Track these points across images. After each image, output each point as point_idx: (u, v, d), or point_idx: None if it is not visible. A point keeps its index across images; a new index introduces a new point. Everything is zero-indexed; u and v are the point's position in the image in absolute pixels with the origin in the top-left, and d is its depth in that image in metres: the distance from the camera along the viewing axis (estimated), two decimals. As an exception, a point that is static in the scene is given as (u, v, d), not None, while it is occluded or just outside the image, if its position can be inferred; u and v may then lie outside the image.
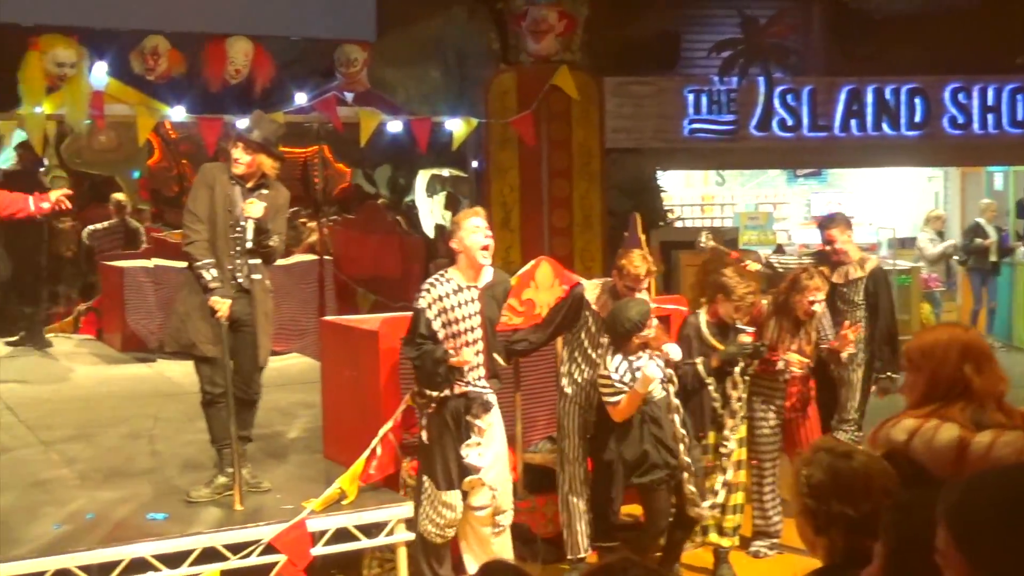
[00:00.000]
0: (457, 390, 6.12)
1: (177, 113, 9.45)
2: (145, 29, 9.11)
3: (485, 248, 6.16)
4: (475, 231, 6.16)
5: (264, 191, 6.52)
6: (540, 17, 11.56)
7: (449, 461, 6.18)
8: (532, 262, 7.62)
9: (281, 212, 6.63)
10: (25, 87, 8.57)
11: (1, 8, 8.56)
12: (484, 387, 6.22)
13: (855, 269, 7.95)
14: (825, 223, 8.21)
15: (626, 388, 6.38)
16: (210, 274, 6.33)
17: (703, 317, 7.06)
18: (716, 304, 6.99)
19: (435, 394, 6.11)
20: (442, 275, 6.24)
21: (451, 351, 6.02)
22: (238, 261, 6.44)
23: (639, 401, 6.42)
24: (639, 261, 6.71)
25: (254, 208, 6.36)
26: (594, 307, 6.83)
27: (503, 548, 6.53)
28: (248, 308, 6.50)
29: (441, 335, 6.08)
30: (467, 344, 6.13)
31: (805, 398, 7.57)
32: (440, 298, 6.10)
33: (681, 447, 6.61)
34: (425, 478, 6.30)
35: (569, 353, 6.93)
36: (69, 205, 6.62)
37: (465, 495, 6.29)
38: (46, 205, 6.55)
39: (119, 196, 12.93)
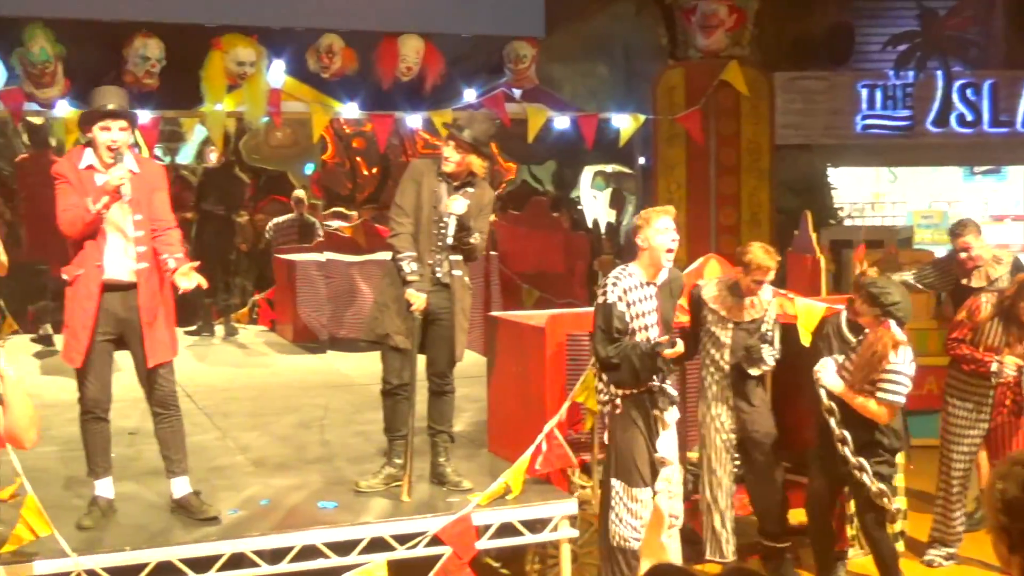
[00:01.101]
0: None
1: (350, 110, 9.65)
2: (321, 28, 9.32)
3: (670, 251, 6.14)
4: (664, 232, 6.13)
5: (470, 189, 6.57)
6: (710, 12, 11.41)
7: (640, 459, 6.15)
8: (700, 259, 7.53)
9: (485, 211, 6.65)
10: (207, 85, 8.88)
11: (186, 9, 8.87)
12: (667, 381, 6.22)
13: (993, 268, 7.66)
14: (958, 230, 7.88)
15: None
16: (410, 267, 6.43)
17: (844, 315, 6.88)
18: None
19: (621, 392, 6.13)
20: (624, 269, 6.22)
21: (662, 342, 5.99)
22: (439, 256, 6.50)
23: None
24: (763, 253, 6.61)
25: (457, 205, 6.41)
26: (713, 305, 6.74)
27: (673, 549, 6.49)
28: (446, 303, 6.56)
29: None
30: (647, 341, 6.11)
31: (1021, 406, 7.25)
32: (627, 291, 6.10)
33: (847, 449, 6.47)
34: (615, 481, 6.22)
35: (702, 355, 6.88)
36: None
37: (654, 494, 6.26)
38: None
39: (300, 192, 13.25)
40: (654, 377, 6.09)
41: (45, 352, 10.95)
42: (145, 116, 9.43)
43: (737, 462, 6.98)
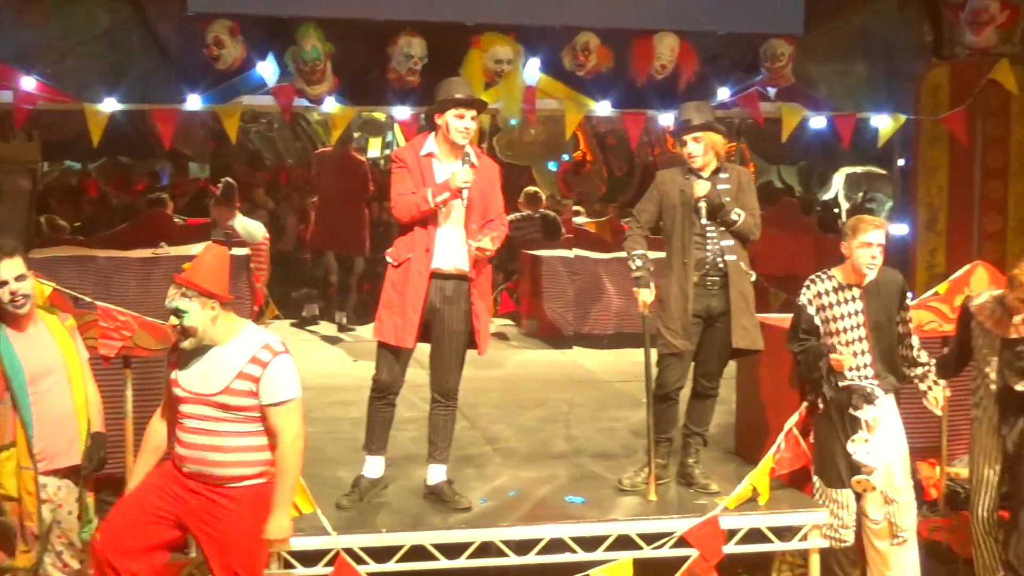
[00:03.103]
0: (841, 383, 6.20)
1: (603, 108, 9.67)
2: (578, 26, 9.37)
3: (871, 267, 6.17)
4: (867, 247, 6.15)
5: (723, 175, 6.53)
6: (981, 7, 10.84)
7: (837, 458, 6.25)
8: (966, 267, 7.22)
9: (746, 188, 6.56)
10: (457, 79, 9.06)
11: (448, 8, 9.08)
12: (870, 382, 6.21)
13: None
14: None
15: None
16: (634, 264, 6.49)
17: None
18: None
19: (824, 391, 6.21)
20: (824, 272, 6.36)
21: (835, 349, 6.17)
22: (707, 253, 6.46)
23: None
24: None
25: (700, 186, 6.39)
26: (980, 318, 6.40)
27: (906, 563, 6.29)
28: (724, 304, 6.49)
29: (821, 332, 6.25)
30: (846, 344, 6.22)
31: None
32: (819, 295, 6.27)
33: None
34: (815, 479, 6.42)
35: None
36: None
37: (858, 497, 6.25)
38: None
39: (531, 189, 13.39)
40: (855, 379, 6.18)
41: (306, 336, 11.47)
42: (405, 112, 9.74)
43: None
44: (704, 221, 6.39)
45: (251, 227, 11.25)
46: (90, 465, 5.53)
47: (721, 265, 6.44)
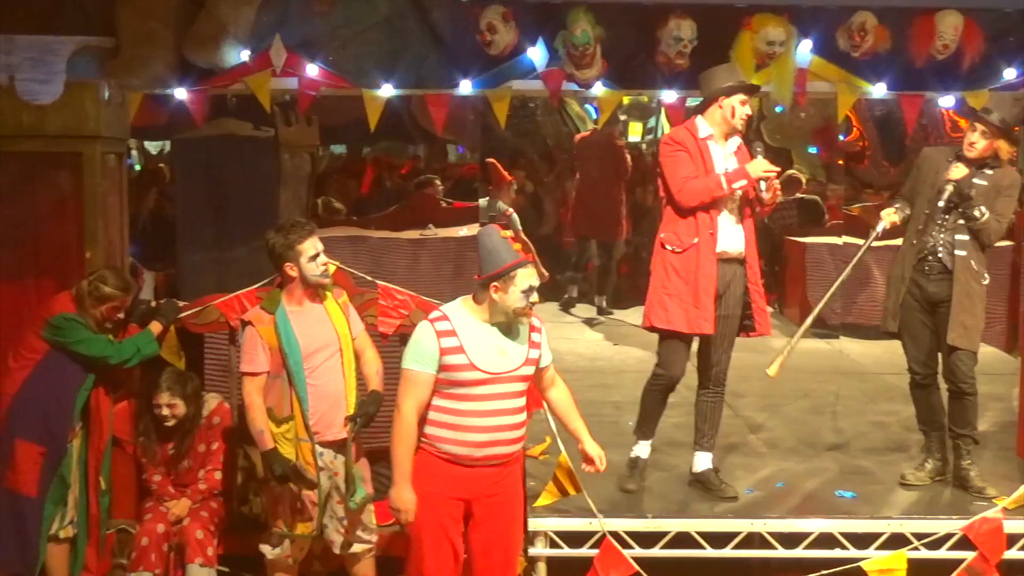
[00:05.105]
0: None
1: (878, 89, 9.31)
2: (854, 6, 9.02)
3: None
4: None
5: (987, 171, 6.29)
6: None
7: None
8: None
9: (1004, 193, 6.35)
10: (736, 64, 8.90)
11: (719, -10, 8.94)
12: None
13: None
14: None
15: None
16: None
17: None
18: None
19: None
20: None
21: None
22: (942, 235, 6.33)
23: None
24: None
25: (955, 171, 6.30)
26: None
27: None
28: (944, 282, 6.33)
29: None
30: None
31: None
32: None
33: None
34: None
35: None
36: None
37: None
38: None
39: (790, 171, 13.02)
40: None
41: (569, 319, 11.60)
42: (672, 96, 9.65)
43: None
44: (941, 204, 6.24)
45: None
46: (359, 418, 5.54)
47: (944, 256, 6.22)
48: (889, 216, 6.42)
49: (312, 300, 5.61)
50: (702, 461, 6.35)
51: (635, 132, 18.15)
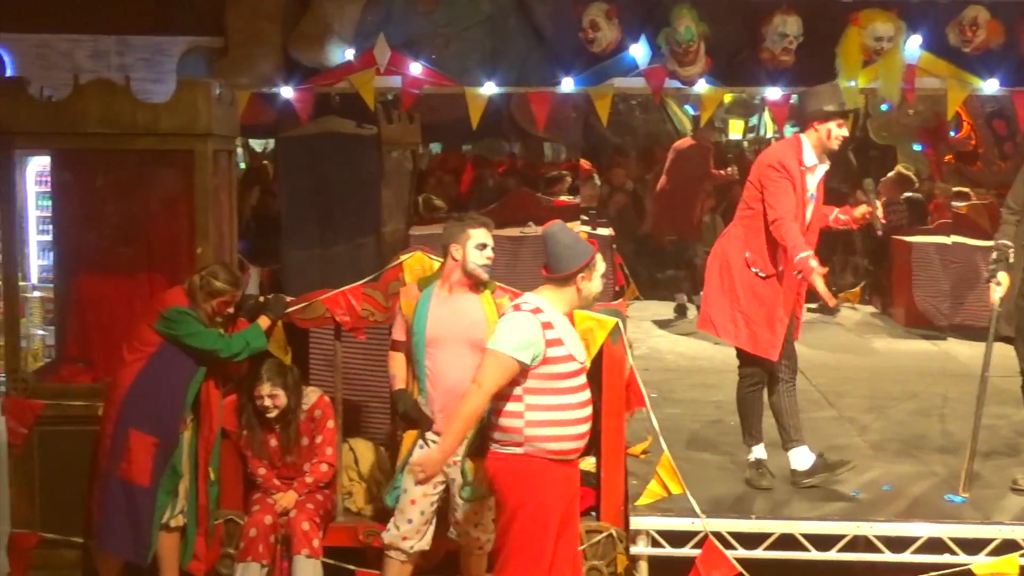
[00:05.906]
0: None
1: (990, 85, 9.12)
2: (966, 0, 8.87)
3: None
4: None
5: None
6: None
7: None
8: None
9: None
10: (843, 61, 8.78)
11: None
12: None
13: None
14: None
15: None
16: (993, 255, 6.55)
17: None
18: None
19: None
20: None
21: None
22: None
23: None
24: None
25: None
26: None
27: None
28: None
29: None
30: None
31: None
32: None
33: None
34: None
35: None
36: None
37: None
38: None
39: (902, 171, 12.78)
40: None
41: (668, 318, 11.52)
42: (776, 93, 9.56)
43: None
44: None
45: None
46: None
47: None
48: (992, 293, 6.51)
49: (464, 290, 5.58)
50: (803, 456, 6.29)
51: (736, 130, 17.98)
